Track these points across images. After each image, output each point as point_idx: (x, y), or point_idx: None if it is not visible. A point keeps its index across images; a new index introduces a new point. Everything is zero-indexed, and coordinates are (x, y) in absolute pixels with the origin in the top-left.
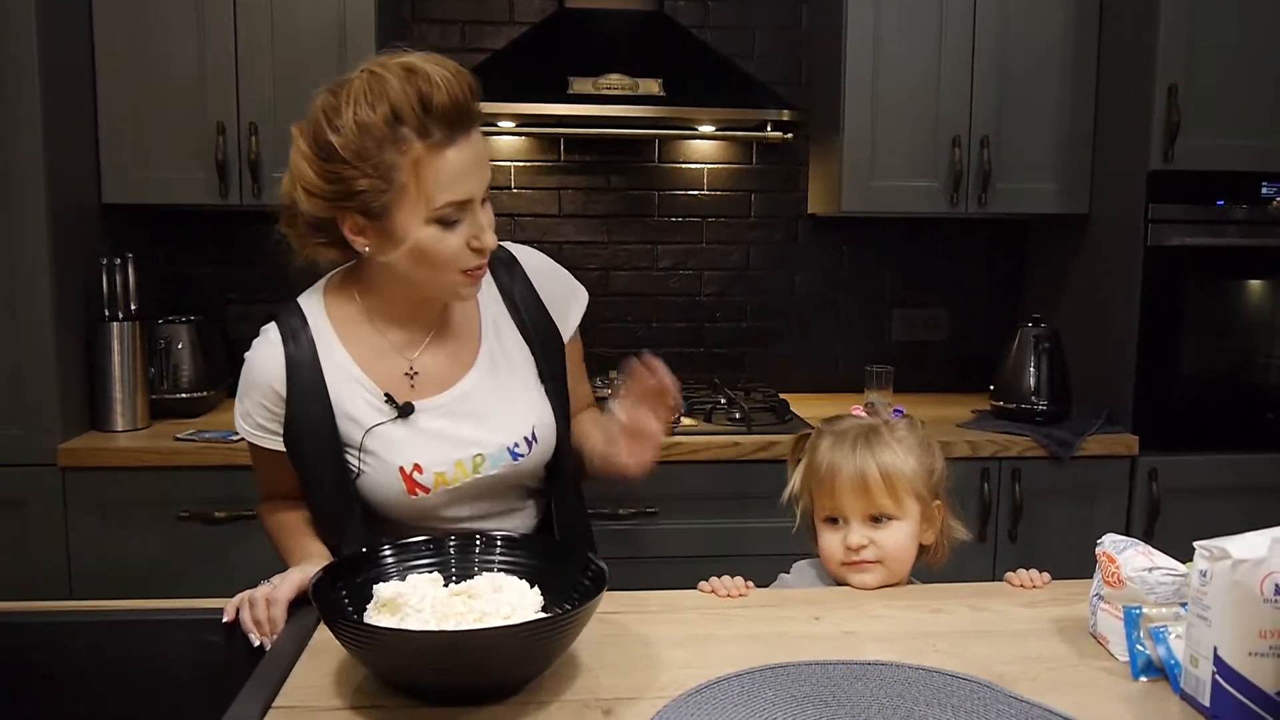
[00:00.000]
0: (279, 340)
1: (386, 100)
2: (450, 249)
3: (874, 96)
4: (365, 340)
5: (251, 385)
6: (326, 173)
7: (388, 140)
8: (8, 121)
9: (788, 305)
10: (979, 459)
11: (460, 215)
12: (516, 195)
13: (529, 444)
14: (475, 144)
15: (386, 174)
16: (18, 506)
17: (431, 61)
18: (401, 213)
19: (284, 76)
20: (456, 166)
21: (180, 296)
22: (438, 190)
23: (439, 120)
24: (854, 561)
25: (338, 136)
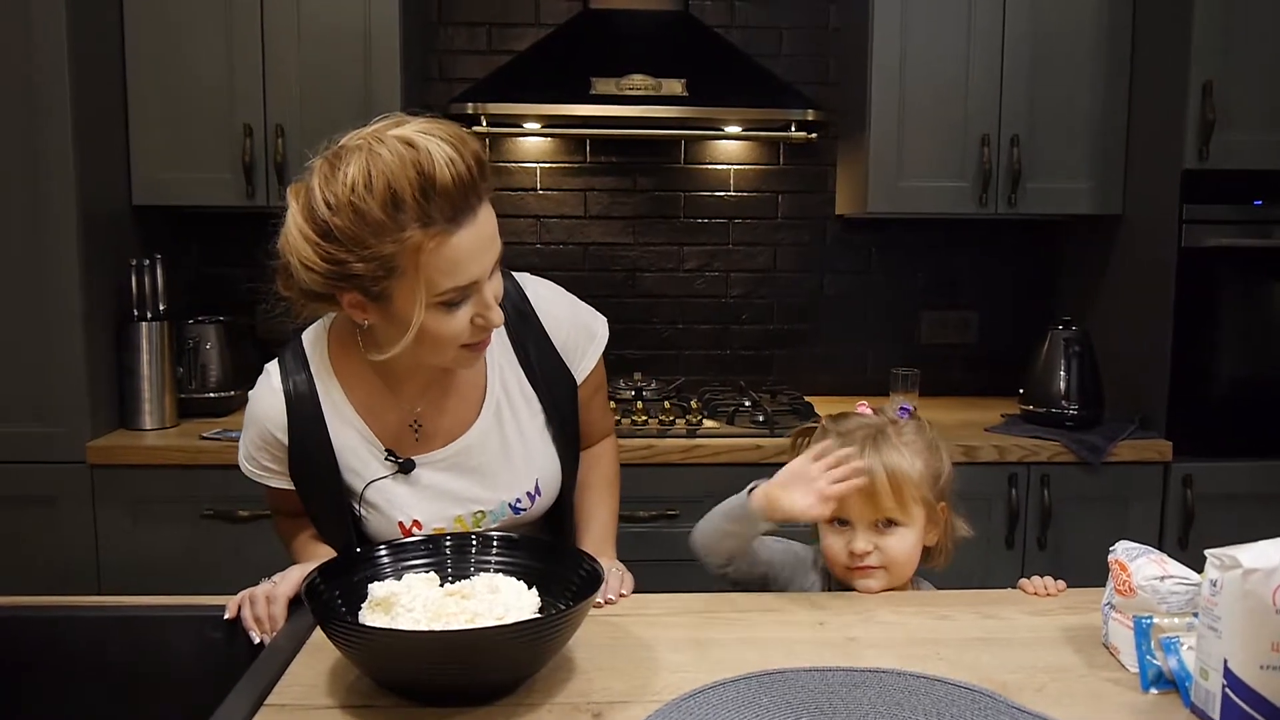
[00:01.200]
0: (280, 387)
1: (384, 183)
2: (453, 330)
3: (901, 95)
4: (368, 388)
5: (254, 430)
6: (322, 251)
7: (385, 228)
8: (39, 126)
9: (815, 307)
10: (1006, 464)
11: (465, 297)
12: (543, 197)
13: (532, 498)
14: (481, 224)
15: (385, 261)
16: (49, 503)
17: (435, 135)
18: (402, 297)
19: (309, 80)
20: (461, 253)
21: (211, 297)
22: (441, 278)
23: (441, 206)
24: (863, 567)
25: (334, 217)
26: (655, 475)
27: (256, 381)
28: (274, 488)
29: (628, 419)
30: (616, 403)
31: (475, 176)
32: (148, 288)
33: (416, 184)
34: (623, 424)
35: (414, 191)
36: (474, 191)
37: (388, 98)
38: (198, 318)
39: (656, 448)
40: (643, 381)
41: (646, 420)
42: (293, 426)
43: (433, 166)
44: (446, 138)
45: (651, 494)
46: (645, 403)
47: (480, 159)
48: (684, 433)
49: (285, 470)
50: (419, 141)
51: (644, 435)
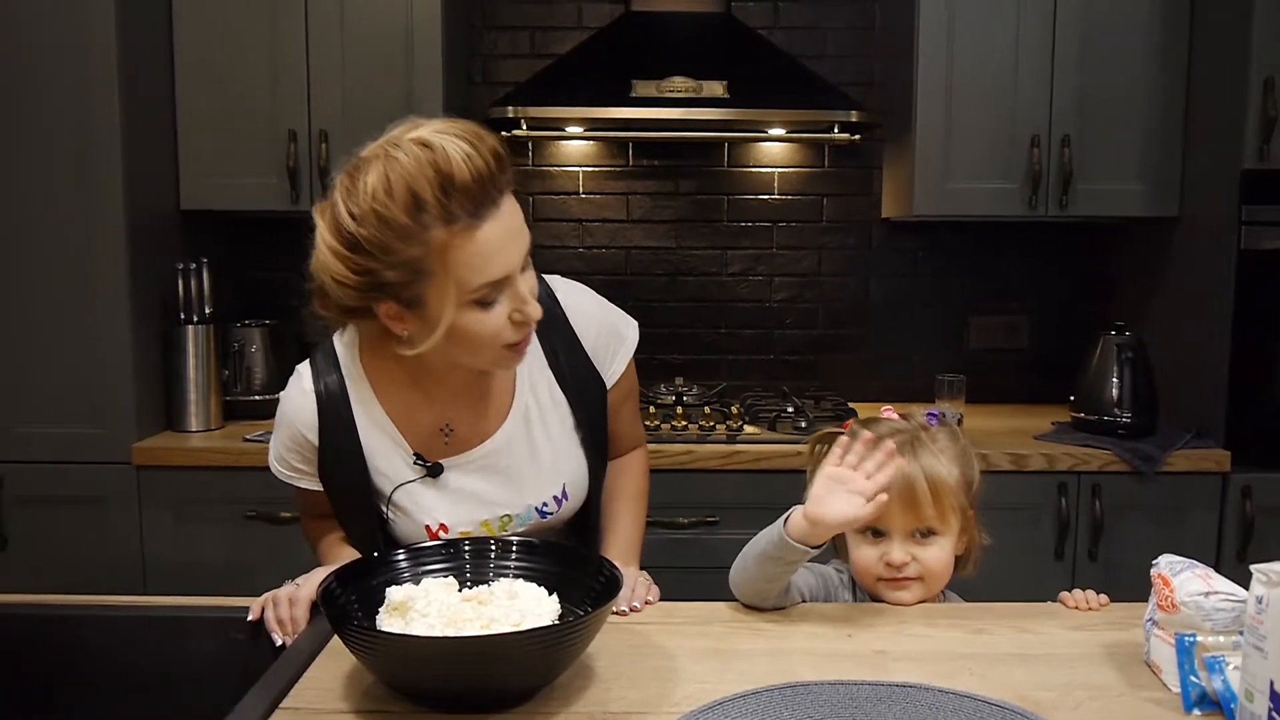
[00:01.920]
0: (311, 389)
1: (404, 186)
2: (492, 328)
3: (947, 95)
4: (399, 391)
5: (284, 432)
6: (352, 264)
7: (410, 231)
8: (89, 132)
9: (860, 312)
10: (1055, 473)
11: (499, 293)
12: (585, 200)
13: (559, 502)
14: (506, 216)
15: (414, 265)
16: (96, 503)
17: (450, 134)
18: (436, 300)
19: (353, 85)
20: (488, 247)
21: (257, 300)
22: (471, 274)
23: (462, 201)
24: (894, 579)
25: (359, 227)
26: (695, 481)
27: (288, 385)
28: (303, 489)
29: (667, 424)
30: (656, 407)
31: (494, 169)
32: (194, 291)
33: (436, 183)
34: (662, 429)
35: (434, 191)
36: (494, 184)
37: (430, 102)
38: (243, 321)
39: (696, 453)
40: (684, 386)
41: (687, 425)
42: (323, 428)
43: (449, 164)
44: (462, 134)
45: (691, 500)
46: (686, 408)
47: (498, 152)
48: (724, 438)
49: (315, 471)
50: (434, 141)
51: (684, 440)
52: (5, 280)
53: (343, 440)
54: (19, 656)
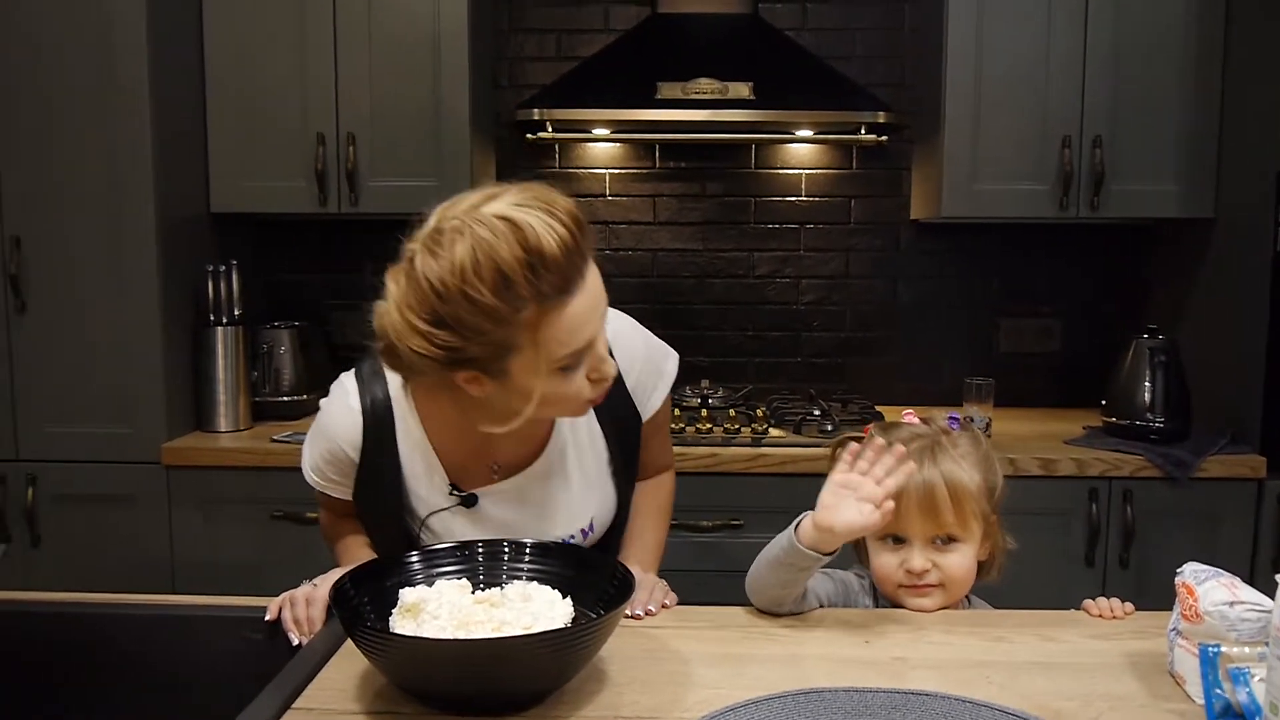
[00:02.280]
0: (358, 407)
1: (493, 266)
2: (573, 391)
3: (977, 94)
4: (443, 417)
5: (324, 444)
6: (436, 340)
7: (500, 312)
8: (121, 136)
9: (888, 314)
10: (1086, 478)
11: (582, 358)
12: (611, 203)
13: (585, 534)
14: (591, 285)
15: (501, 342)
16: (127, 502)
17: (530, 207)
18: (521, 371)
19: (380, 89)
20: (575, 320)
21: (286, 302)
22: (558, 347)
23: (552, 279)
24: (915, 585)
25: (445, 306)
26: (719, 484)
27: (330, 393)
28: (334, 496)
29: (692, 427)
30: (681, 410)
31: (579, 240)
32: (223, 293)
33: (524, 262)
34: (686, 432)
35: (524, 270)
36: (580, 255)
37: (456, 106)
38: (272, 323)
39: (720, 456)
40: (709, 389)
41: (711, 428)
42: (365, 448)
43: (538, 240)
44: (543, 207)
45: (715, 504)
46: (711, 410)
47: (579, 220)
48: (749, 441)
49: (349, 485)
50: (518, 217)
51: (709, 443)
52: (39, 282)
53: (383, 462)
54: (40, 653)
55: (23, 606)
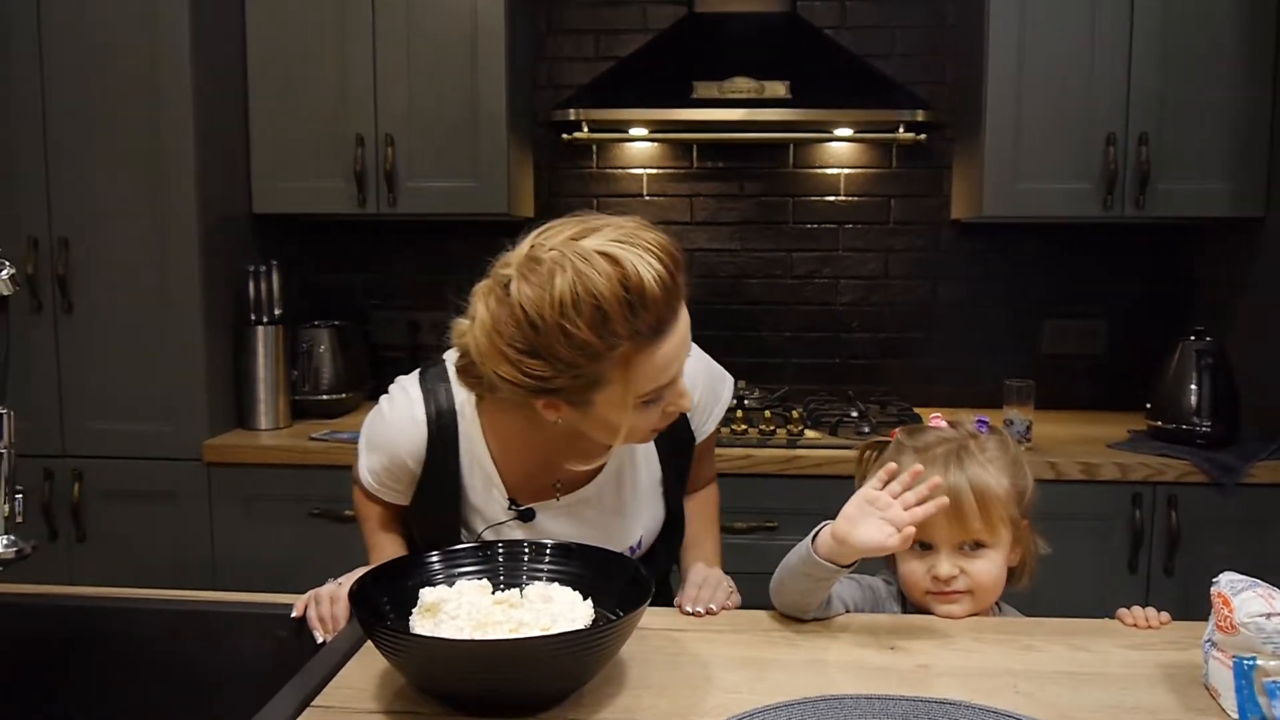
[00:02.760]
0: (423, 418)
1: (592, 304)
2: (649, 423)
3: (1018, 91)
4: (505, 432)
5: (385, 455)
6: (525, 368)
7: (595, 348)
8: (165, 138)
9: (929, 315)
10: (1129, 483)
11: (664, 393)
12: (649, 203)
13: (633, 551)
14: (682, 324)
15: (591, 376)
16: (170, 499)
17: (634, 245)
18: (606, 403)
19: (418, 90)
20: (665, 358)
21: (329, 302)
22: (646, 383)
23: (648, 319)
24: (947, 592)
25: (539, 337)
26: (753, 486)
27: (391, 398)
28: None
29: (727, 428)
30: None
31: (676, 279)
32: (263, 293)
33: (624, 300)
34: (722, 433)
35: (622, 308)
36: (676, 294)
37: (493, 107)
38: (313, 322)
39: (755, 458)
40: (746, 390)
41: (747, 430)
42: (429, 459)
43: (639, 280)
44: (646, 247)
45: (749, 505)
46: (746, 411)
47: (676, 259)
48: (784, 443)
49: (409, 493)
50: (620, 255)
51: (743, 445)
52: (86, 282)
53: (444, 475)
54: (70, 647)
55: (55, 601)
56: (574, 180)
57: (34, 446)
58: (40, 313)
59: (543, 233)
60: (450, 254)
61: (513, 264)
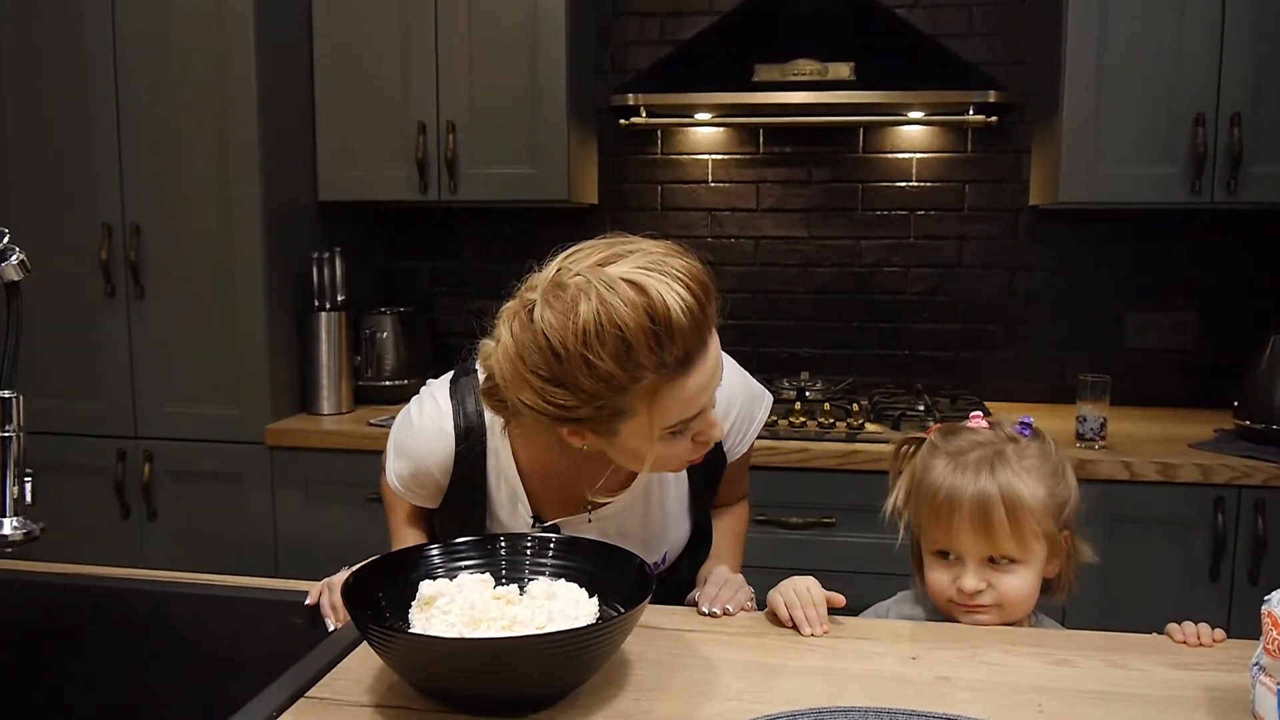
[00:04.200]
0: (451, 430)
1: (616, 334)
2: (677, 453)
3: (1099, 68)
4: (534, 449)
5: (412, 464)
6: (548, 395)
7: (619, 380)
8: (231, 126)
9: (1004, 306)
10: (1212, 486)
11: (692, 424)
12: (714, 189)
13: (657, 566)
14: (712, 355)
15: (615, 407)
16: (235, 480)
17: (662, 274)
18: (630, 434)
19: (480, 77)
20: (693, 390)
21: (396, 289)
22: (672, 415)
23: (675, 351)
24: (973, 606)
25: (561, 367)
26: (810, 480)
27: (421, 406)
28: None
29: (785, 420)
30: (777, 403)
31: (706, 309)
32: (327, 279)
33: (650, 333)
34: (779, 425)
35: (648, 341)
36: (705, 325)
37: (554, 93)
38: (378, 309)
39: (812, 451)
40: (809, 381)
41: (805, 422)
42: (455, 472)
43: (665, 311)
44: (675, 275)
45: (805, 500)
46: (807, 403)
47: (707, 288)
48: (843, 436)
49: (435, 500)
50: (649, 285)
51: (801, 438)
52: (157, 268)
53: (470, 488)
54: (95, 627)
55: (81, 580)
56: (638, 167)
57: (108, 428)
58: (113, 298)
59: (570, 255)
60: (515, 242)
61: (538, 287)
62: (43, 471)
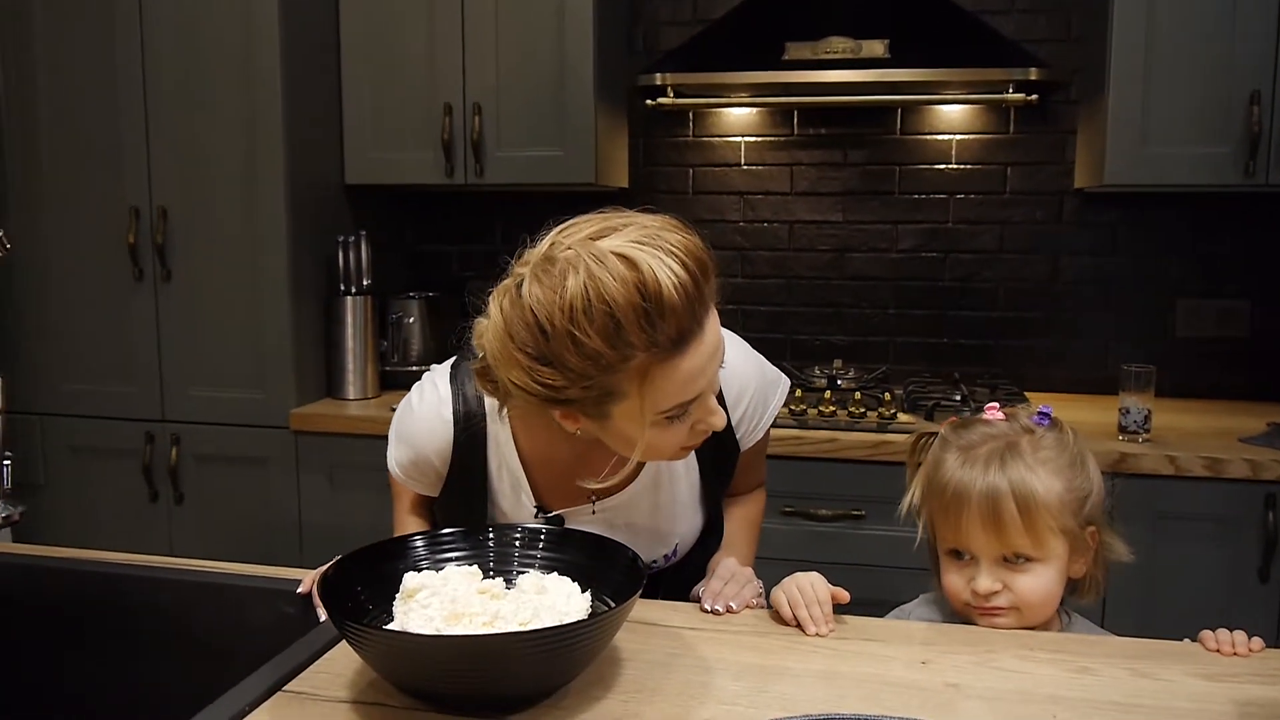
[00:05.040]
0: (450, 417)
1: (605, 311)
2: (673, 440)
3: (1148, 43)
4: (536, 436)
5: (411, 451)
6: (536, 375)
7: (607, 359)
8: (256, 110)
9: (1047, 293)
10: (1261, 482)
11: (689, 408)
12: (746, 172)
13: (667, 559)
14: (708, 336)
15: (605, 388)
16: (260, 464)
17: (654, 247)
18: (623, 417)
19: (506, 59)
20: (688, 374)
21: (426, 273)
22: (665, 398)
23: (667, 330)
24: (989, 609)
25: (548, 344)
26: (838, 471)
27: (421, 392)
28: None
29: (814, 410)
30: (806, 391)
31: (701, 287)
32: (352, 263)
33: (640, 310)
34: (809, 414)
35: (638, 319)
36: (701, 304)
37: (581, 74)
38: (406, 293)
39: (841, 441)
40: (841, 369)
41: (835, 411)
42: (454, 459)
43: (658, 288)
44: (669, 250)
45: (833, 491)
46: (837, 392)
47: (704, 264)
48: (874, 426)
49: (436, 487)
50: (640, 259)
51: (830, 427)
52: (182, 251)
53: (471, 476)
54: (89, 612)
55: (75, 565)
56: (670, 149)
57: (136, 411)
58: (141, 281)
59: (564, 229)
60: (544, 225)
61: (529, 261)
62: (75, 454)
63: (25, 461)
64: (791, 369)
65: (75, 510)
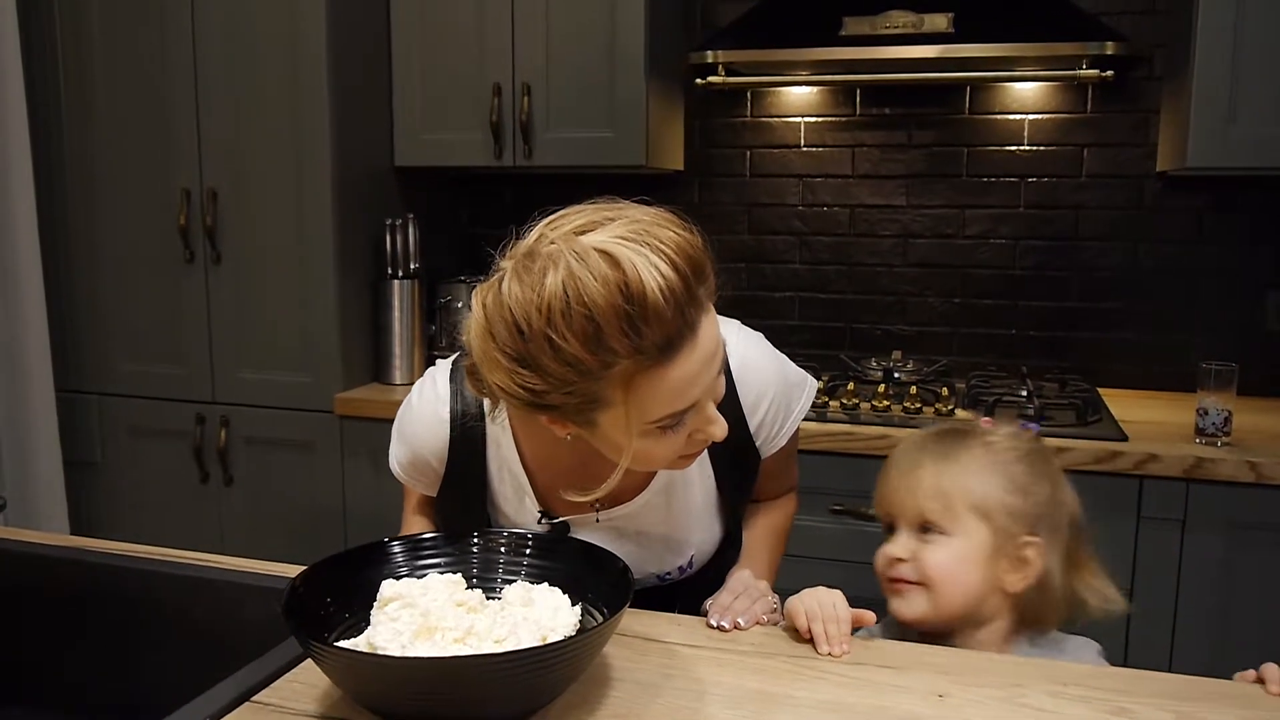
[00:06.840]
0: (447, 417)
1: (583, 315)
2: (668, 450)
3: (1237, 15)
4: (539, 439)
5: (409, 449)
6: (517, 378)
7: (587, 366)
8: (303, 92)
9: (1126, 283)
10: None
11: (684, 417)
12: (805, 154)
13: (682, 571)
14: (701, 342)
15: (589, 395)
16: (307, 449)
17: (640, 244)
18: (610, 425)
19: (556, 38)
20: (677, 382)
21: (478, 256)
22: (655, 406)
23: (653, 336)
24: (894, 579)
25: (526, 345)
26: None
27: (422, 392)
28: None
29: (867, 404)
30: (861, 384)
31: (693, 289)
32: (400, 246)
33: (623, 313)
34: (861, 409)
35: (620, 322)
36: (692, 305)
37: (632, 53)
38: (457, 277)
39: (892, 438)
40: (899, 361)
41: (889, 406)
42: (451, 459)
43: (642, 290)
44: (657, 247)
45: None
46: (895, 385)
47: (697, 262)
48: (930, 422)
49: (435, 487)
50: (624, 257)
51: (883, 423)
52: (232, 234)
53: (469, 479)
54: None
55: (76, 555)
56: (727, 131)
57: (187, 392)
58: (192, 263)
59: (552, 221)
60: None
61: (513, 256)
62: (131, 434)
63: (83, 440)
64: (848, 360)
65: (131, 490)
